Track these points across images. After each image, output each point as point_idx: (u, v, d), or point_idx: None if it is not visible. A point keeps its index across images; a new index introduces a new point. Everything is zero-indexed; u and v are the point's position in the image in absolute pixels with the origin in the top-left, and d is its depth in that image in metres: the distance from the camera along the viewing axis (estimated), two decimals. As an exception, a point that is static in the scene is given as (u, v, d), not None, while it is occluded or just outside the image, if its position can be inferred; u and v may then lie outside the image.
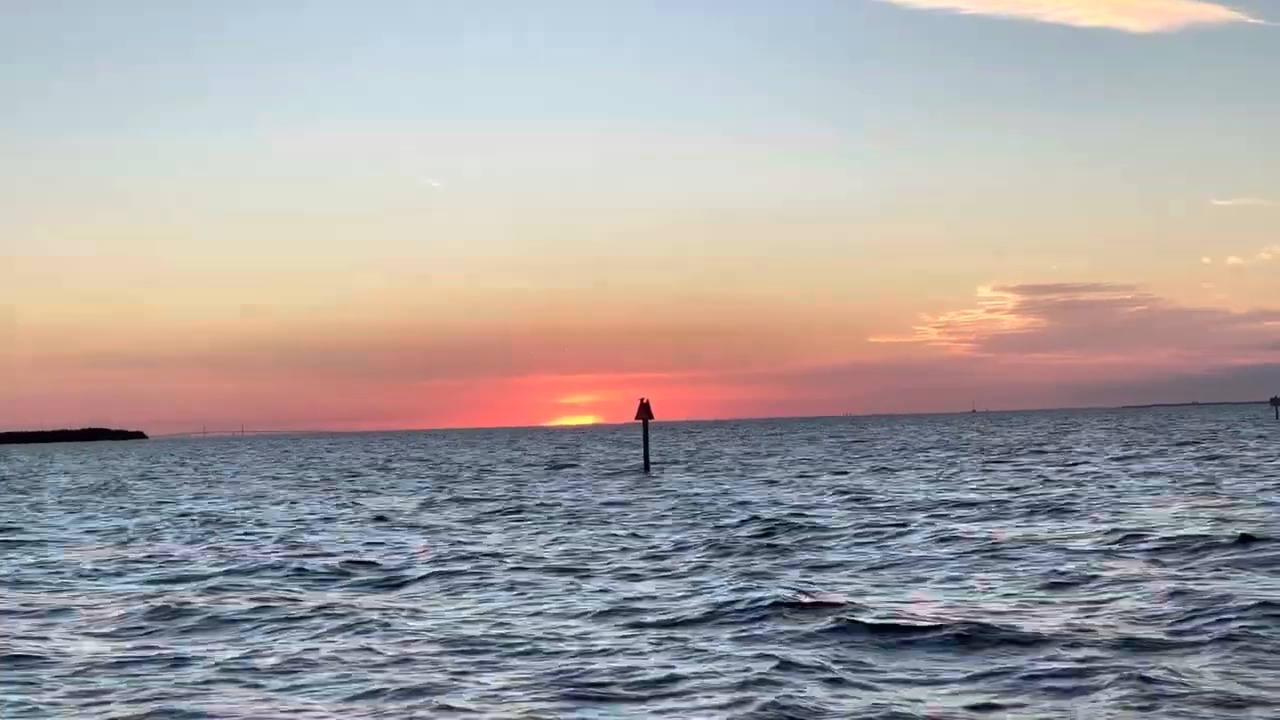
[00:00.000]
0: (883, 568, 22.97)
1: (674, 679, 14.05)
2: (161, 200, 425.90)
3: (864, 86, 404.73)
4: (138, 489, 65.01)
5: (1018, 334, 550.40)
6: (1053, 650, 14.91)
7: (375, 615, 18.87)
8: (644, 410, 60.56)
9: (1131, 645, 15.05)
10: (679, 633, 16.98)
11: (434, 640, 16.85)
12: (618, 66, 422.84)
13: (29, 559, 28.91)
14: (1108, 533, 26.50)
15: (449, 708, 13.19)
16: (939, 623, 16.53)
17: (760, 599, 18.76)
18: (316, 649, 16.50)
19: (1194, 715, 12.11)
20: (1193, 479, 43.24)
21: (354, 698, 13.82)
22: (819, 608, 17.97)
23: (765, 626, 17.10)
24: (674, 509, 37.93)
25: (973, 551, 24.56)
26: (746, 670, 14.26)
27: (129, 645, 17.28)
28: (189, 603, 20.68)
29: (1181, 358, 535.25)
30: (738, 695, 13.17)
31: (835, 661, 14.76)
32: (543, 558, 26.05)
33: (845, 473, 57.02)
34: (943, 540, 26.53)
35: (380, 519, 38.21)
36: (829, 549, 25.90)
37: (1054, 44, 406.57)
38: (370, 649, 16.37)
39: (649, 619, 18.08)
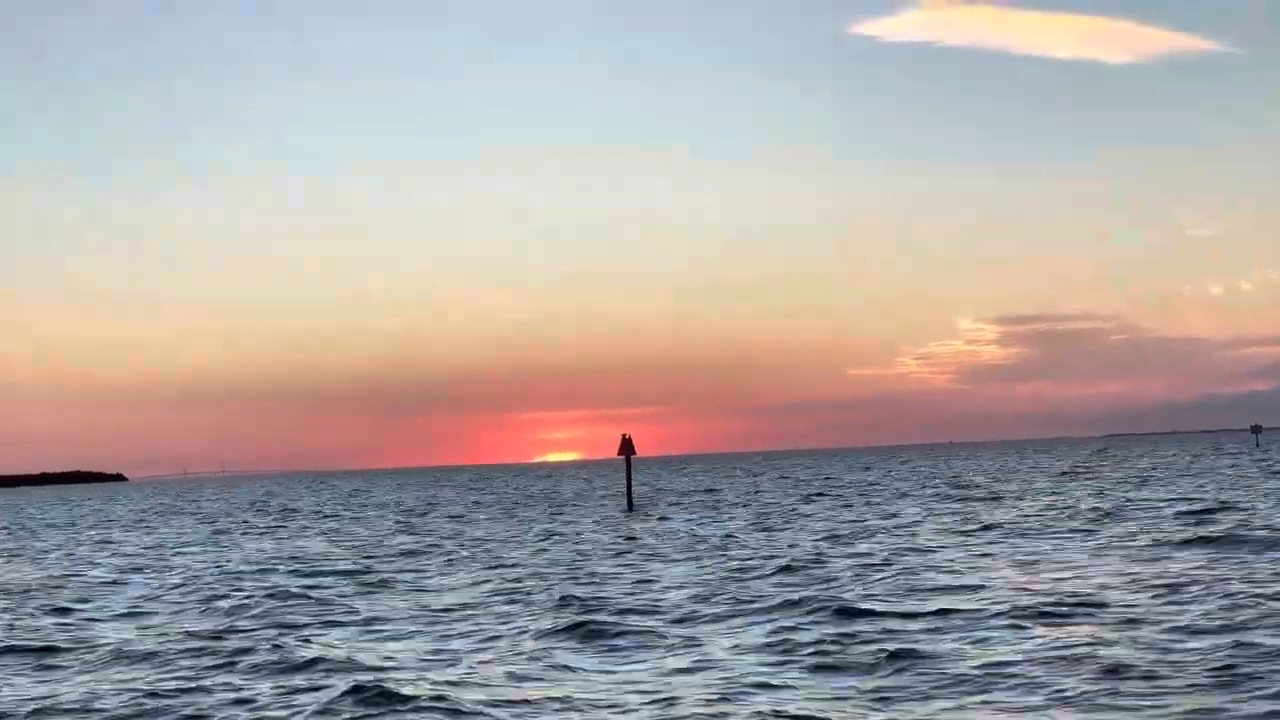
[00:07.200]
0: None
1: None
2: (140, 237, 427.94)
3: (843, 120, 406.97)
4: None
5: (998, 365, 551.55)
6: None
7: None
8: (626, 446, 60.54)
9: None
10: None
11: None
12: (592, 92, 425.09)
13: None
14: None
15: None
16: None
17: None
18: None
19: None
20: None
21: None
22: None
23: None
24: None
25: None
26: None
27: None
28: None
29: (1164, 387, 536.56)
30: None
31: None
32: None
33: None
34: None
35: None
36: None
37: (1031, 75, 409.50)
38: None
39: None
